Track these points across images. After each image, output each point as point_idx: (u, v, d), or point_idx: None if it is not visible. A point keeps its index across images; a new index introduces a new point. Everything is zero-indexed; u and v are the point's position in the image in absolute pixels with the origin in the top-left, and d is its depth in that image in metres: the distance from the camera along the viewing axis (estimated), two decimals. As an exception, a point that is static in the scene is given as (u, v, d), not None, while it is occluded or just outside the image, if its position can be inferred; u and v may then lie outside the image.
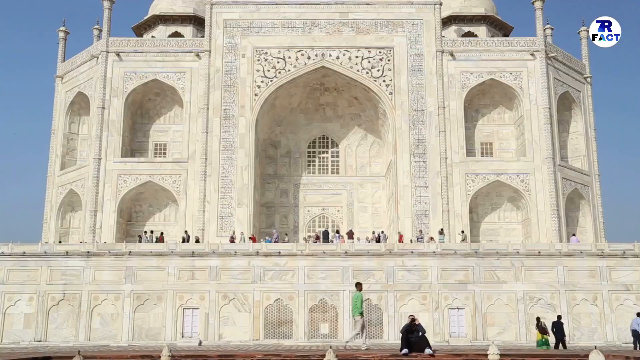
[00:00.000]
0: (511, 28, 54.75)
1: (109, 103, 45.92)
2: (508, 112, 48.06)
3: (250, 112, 45.56)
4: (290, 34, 46.72)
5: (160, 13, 53.45)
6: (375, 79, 46.10)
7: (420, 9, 47.20)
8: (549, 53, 46.77)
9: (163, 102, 48.31)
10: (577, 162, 47.73)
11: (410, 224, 43.40)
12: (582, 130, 48.46)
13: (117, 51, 46.53)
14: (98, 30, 53.01)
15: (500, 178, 44.49)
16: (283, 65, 46.21)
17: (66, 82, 49.79)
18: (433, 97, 45.51)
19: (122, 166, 45.04)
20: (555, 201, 43.54)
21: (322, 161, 51.31)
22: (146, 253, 36.73)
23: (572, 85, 48.57)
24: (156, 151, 47.79)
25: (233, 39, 46.65)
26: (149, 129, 48.36)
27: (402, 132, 45.09)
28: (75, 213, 47.38)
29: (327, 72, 46.85)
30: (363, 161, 50.96)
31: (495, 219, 45.86)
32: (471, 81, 46.09)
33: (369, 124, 50.21)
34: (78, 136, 49.53)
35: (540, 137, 44.98)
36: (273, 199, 50.12)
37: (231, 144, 45.02)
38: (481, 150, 47.55)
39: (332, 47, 46.45)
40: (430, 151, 44.72)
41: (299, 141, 51.32)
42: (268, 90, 45.96)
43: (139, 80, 46.40)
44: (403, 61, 46.18)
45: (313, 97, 49.87)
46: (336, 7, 47.20)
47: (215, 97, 45.58)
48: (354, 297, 23.07)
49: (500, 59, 46.54)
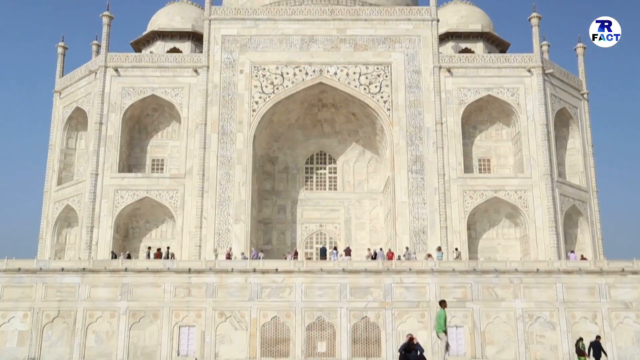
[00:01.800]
0: (508, 44, 54.99)
1: (107, 118, 45.85)
2: (505, 128, 48.08)
3: (248, 128, 45.51)
4: (288, 50, 46.81)
5: (159, 29, 53.59)
6: (372, 95, 46.15)
7: (417, 26, 47.38)
8: (546, 69, 46.91)
9: (161, 118, 48.26)
10: (575, 179, 47.69)
11: (408, 240, 43.21)
12: (579, 147, 48.47)
13: (116, 66, 46.55)
14: (97, 45, 53.09)
15: (498, 194, 44.40)
16: (281, 81, 46.26)
17: (64, 97, 49.76)
18: (430, 113, 45.55)
19: (119, 182, 44.87)
20: (553, 218, 43.42)
21: (320, 177, 51.21)
22: (142, 269, 36.47)
23: (569, 102, 48.67)
24: (153, 167, 47.65)
25: (231, 55, 46.73)
26: (147, 144, 48.25)
27: (400, 148, 45.06)
28: (71, 229, 47.12)
29: (325, 88, 46.91)
30: (361, 177, 50.86)
31: (493, 236, 45.70)
32: (468, 97, 46.15)
33: (367, 140, 50.19)
34: (75, 151, 49.39)
35: (538, 153, 44.97)
36: (270, 215, 49.92)
37: (229, 160, 44.93)
38: (479, 166, 47.49)
39: (330, 63, 46.54)
40: (428, 167, 44.65)
41: (296, 157, 51.25)
42: (266, 106, 45.96)
43: (137, 96, 46.38)
44: (400, 77, 46.27)
45: (311, 113, 49.87)
46: (334, 24, 47.35)
47: (213, 113, 45.55)
48: (437, 315, 21.89)
49: (497, 75, 46.65)
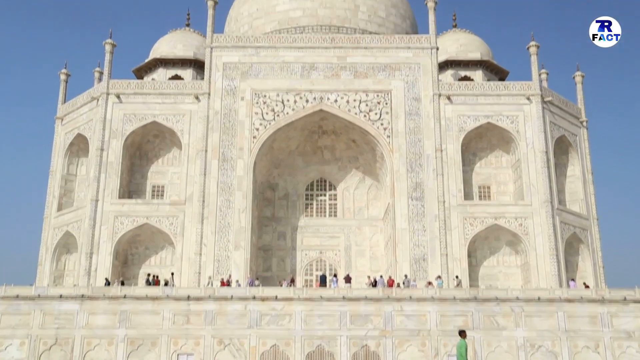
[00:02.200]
0: (507, 72, 55.41)
1: (108, 145, 46.03)
2: (505, 155, 48.21)
3: (249, 155, 45.65)
4: (288, 77, 47.17)
5: (161, 56, 54.09)
6: (373, 122, 46.37)
7: (417, 54, 47.82)
8: (545, 97, 47.21)
9: (162, 144, 48.44)
10: (575, 206, 47.65)
11: (408, 267, 43.00)
12: (579, 174, 48.53)
13: (118, 93, 46.89)
14: (99, 72, 53.61)
15: (499, 222, 44.31)
16: (281, 108, 46.52)
17: (66, 124, 50.02)
18: (430, 140, 45.71)
19: (119, 208, 44.85)
20: (554, 245, 43.25)
21: (320, 204, 51.19)
22: (141, 296, 36.29)
23: (568, 129, 48.89)
24: (154, 193, 47.66)
25: (232, 82, 47.09)
26: (147, 170, 48.34)
27: (400, 175, 45.12)
28: (70, 255, 46.96)
29: (325, 115, 47.16)
30: (361, 204, 50.82)
31: (494, 263, 45.47)
32: (468, 124, 46.37)
33: (367, 167, 50.29)
34: (76, 177, 49.48)
35: (538, 180, 45.01)
36: (270, 242, 49.78)
37: (229, 186, 44.96)
38: (479, 193, 47.47)
39: (331, 90, 46.86)
40: (428, 194, 44.65)
41: (296, 184, 51.30)
42: (266, 132, 46.16)
43: (138, 122, 46.62)
44: (400, 104, 46.54)
45: (311, 140, 50.06)
46: (334, 52, 47.81)
47: (213, 140, 45.72)
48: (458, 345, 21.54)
49: (497, 103, 46.93)
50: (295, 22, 53.61)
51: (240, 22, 56.61)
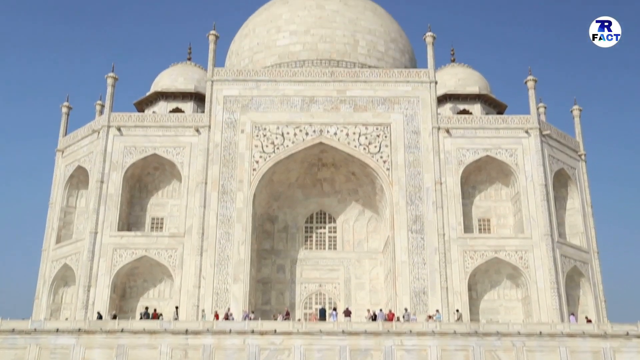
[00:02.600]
0: (505, 106, 55.84)
1: (108, 177, 46.12)
2: (505, 188, 48.29)
3: (248, 187, 45.72)
4: (288, 110, 47.54)
5: (162, 89, 54.57)
6: (372, 155, 46.57)
7: (416, 87, 48.29)
8: (543, 131, 47.51)
9: (162, 177, 48.54)
10: (576, 239, 47.52)
11: (408, 301, 42.68)
12: (578, 207, 48.54)
13: (119, 126, 47.19)
14: (100, 105, 54.04)
15: (499, 255, 44.14)
16: (281, 141, 46.77)
17: (66, 156, 50.20)
18: (430, 173, 45.83)
19: (118, 240, 44.71)
20: (555, 279, 43.00)
21: (320, 237, 51.04)
22: (139, 330, 35.95)
23: (566, 162, 49.07)
24: (153, 225, 47.56)
25: (232, 115, 47.43)
26: (147, 203, 48.33)
27: (400, 208, 45.13)
28: (68, 288, 46.60)
29: (325, 147, 47.39)
30: (360, 237, 50.69)
31: (494, 297, 45.12)
32: (467, 157, 46.56)
33: (367, 200, 50.32)
34: (75, 210, 49.43)
35: (538, 213, 44.99)
36: (269, 275, 49.48)
37: (228, 219, 44.92)
38: (479, 226, 47.41)
39: (330, 123, 47.18)
40: (428, 227, 44.58)
41: (296, 216, 51.24)
42: (266, 165, 46.32)
43: (138, 155, 46.81)
44: (400, 137, 46.81)
45: (311, 173, 50.20)
46: (334, 85, 48.27)
47: (213, 172, 45.84)
48: None
49: (496, 136, 47.20)
50: (295, 56, 54.28)
51: (241, 56, 57.31)
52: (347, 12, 56.28)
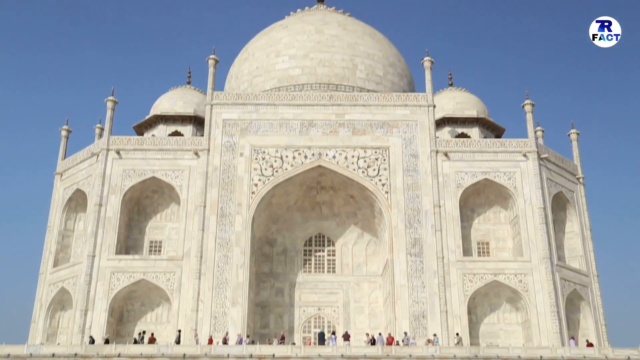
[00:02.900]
0: (503, 129, 56.13)
1: (107, 200, 46.06)
2: (503, 211, 48.28)
3: (247, 210, 45.67)
4: (287, 133, 47.71)
5: (161, 113, 54.81)
6: (371, 178, 46.63)
7: (414, 111, 48.55)
8: (541, 154, 47.68)
9: (160, 200, 48.50)
10: (575, 262, 47.40)
11: (408, 325, 42.39)
12: (577, 230, 48.49)
13: (118, 149, 47.27)
14: (100, 129, 54.21)
15: (498, 278, 43.97)
16: (280, 164, 46.86)
17: (65, 179, 50.17)
18: (428, 196, 45.86)
19: (116, 264, 44.50)
20: (555, 302, 42.79)
21: (318, 260, 50.86)
22: (136, 355, 35.65)
23: (565, 186, 49.13)
24: (151, 249, 47.39)
25: (232, 138, 47.57)
26: (145, 226, 48.21)
27: (399, 231, 45.05)
28: (65, 312, 46.25)
29: (323, 171, 47.47)
30: (359, 260, 50.52)
31: (494, 320, 44.83)
32: (466, 181, 46.63)
33: (365, 223, 50.25)
34: (73, 233, 49.27)
35: (537, 236, 44.93)
36: (268, 298, 49.18)
37: (227, 242, 44.79)
38: (478, 249, 47.31)
39: (329, 146, 47.33)
40: (427, 250, 44.47)
41: (295, 239, 51.11)
42: (265, 188, 46.33)
43: (137, 178, 46.81)
44: (398, 161, 46.91)
45: (310, 196, 50.19)
46: (332, 109, 48.53)
47: (212, 195, 45.82)
48: None
49: (494, 160, 47.34)
50: (294, 80, 54.65)
51: (240, 80, 57.68)
52: (346, 37, 56.85)
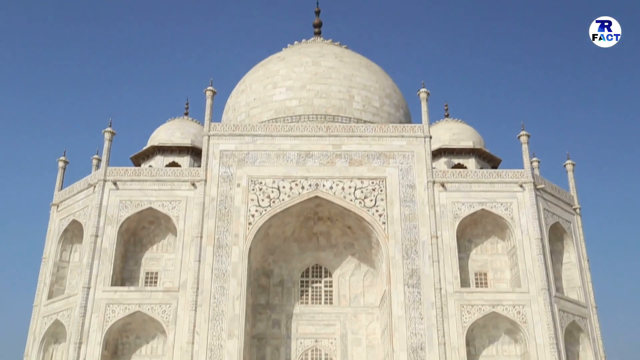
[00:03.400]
0: (499, 160, 56.43)
1: (103, 231, 45.90)
2: (501, 242, 48.25)
3: (244, 241, 45.53)
4: (284, 164, 47.86)
5: (159, 144, 54.99)
6: (368, 209, 46.65)
7: (411, 142, 48.81)
8: (537, 185, 47.84)
9: (157, 231, 48.35)
10: (573, 294, 47.21)
11: (406, 357, 41.97)
12: (575, 261, 48.41)
13: (115, 180, 47.29)
14: (97, 159, 54.24)
15: (496, 309, 43.72)
16: (277, 195, 46.90)
17: (61, 210, 50.06)
18: (426, 226, 45.84)
19: (111, 295, 44.13)
20: (554, 334, 42.48)
21: (315, 291, 50.54)
22: (130, 389, 35.04)
23: (561, 216, 49.21)
24: (147, 280, 47.07)
25: (229, 169, 47.67)
26: (141, 257, 47.97)
27: (396, 262, 44.91)
28: (58, 345, 45.66)
29: (320, 201, 47.50)
30: (357, 291, 50.21)
31: (493, 353, 44.42)
32: (463, 211, 46.67)
33: (363, 254, 50.10)
34: (69, 264, 48.96)
35: (534, 267, 44.82)
36: (265, 330, 48.71)
37: (223, 273, 44.54)
38: (476, 280, 47.14)
39: (326, 177, 47.44)
40: (425, 281, 44.27)
41: (292, 270, 50.86)
42: (262, 219, 46.27)
43: (134, 209, 46.74)
44: (395, 191, 47.00)
45: (307, 226, 50.13)
46: (329, 140, 48.78)
47: (209, 226, 45.73)
48: None
49: (490, 190, 47.46)
50: (291, 111, 55.04)
51: (237, 111, 58.06)
52: (343, 69, 57.46)
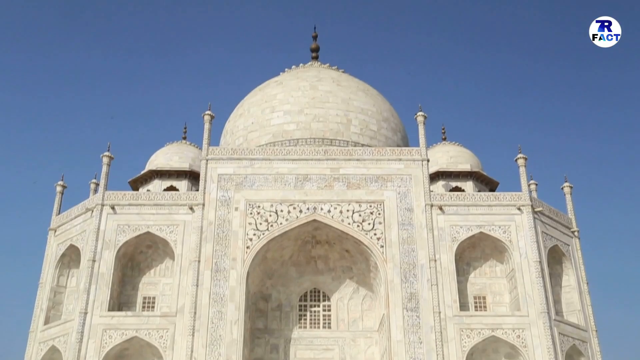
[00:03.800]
0: (497, 183, 56.52)
1: (100, 255, 45.74)
2: (499, 265, 48.13)
3: (242, 265, 45.38)
4: (282, 188, 47.91)
5: (157, 168, 55.09)
6: (366, 232, 46.60)
7: (408, 165, 48.94)
8: (535, 207, 47.87)
9: (154, 255, 48.20)
10: (573, 317, 46.96)
11: (405, 382, 41.58)
12: (574, 284, 48.25)
13: (112, 204, 47.26)
14: (95, 184, 54.21)
15: (496, 333, 43.45)
16: (275, 219, 46.86)
17: (59, 235, 49.92)
18: (424, 250, 45.75)
19: (108, 320, 43.82)
20: (554, 358, 42.17)
21: (314, 315, 50.23)
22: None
23: (560, 239, 49.16)
24: (144, 305, 46.79)
25: (227, 193, 47.70)
26: (139, 281, 47.74)
27: (394, 286, 44.73)
28: (55, 371, 45.23)
29: (318, 225, 47.45)
30: (355, 315, 49.91)
31: (493, 377, 44.05)
32: (461, 234, 46.63)
33: (361, 277, 49.92)
34: (66, 289, 48.65)
35: (534, 290, 44.66)
36: (263, 355, 48.26)
37: (221, 298, 44.31)
38: (475, 304, 46.92)
39: (324, 201, 47.46)
40: (423, 305, 44.05)
41: (290, 294, 50.59)
42: (260, 243, 46.18)
43: (131, 233, 46.64)
44: (393, 215, 46.99)
45: (304, 250, 50.01)
46: (327, 163, 48.90)
47: (207, 250, 45.61)
48: None
49: (488, 213, 47.48)
50: (289, 135, 55.28)
51: (235, 135, 58.30)
52: (340, 93, 57.87)
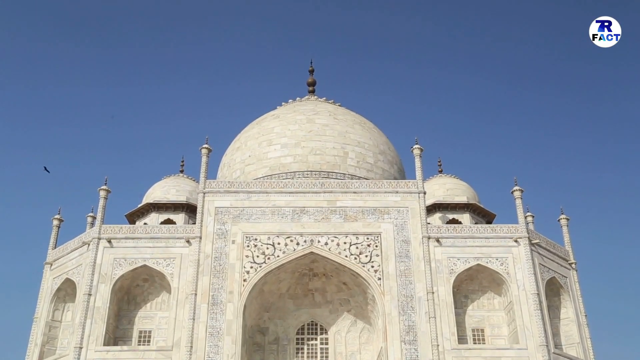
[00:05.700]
0: (494, 215, 56.69)
1: (96, 289, 45.47)
2: (497, 297, 47.95)
3: (239, 298, 45.13)
4: (279, 220, 47.96)
5: (154, 201, 55.20)
6: (363, 265, 46.51)
7: (405, 198, 49.12)
8: (532, 239, 47.93)
9: (151, 288, 47.93)
10: (572, 350, 46.59)
11: (404, 417, 41.02)
12: (573, 317, 47.99)
13: (109, 238, 47.18)
14: (92, 217, 54.28)
15: (495, 367, 43.05)
16: (272, 251, 46.80)
17: (55, 269, 49.64)
18: (421, 282, 45.61)
19: (103, 355, 43.32)
20: (554, 392, 41.80)
21: (311, 348, 49.75)
22: None
23: (557, 271, 49.08)
24: (140, 339, 46.30)
25: (224, 226, 47.70)
26: (135, 315, 47.36)
27: (392, 318, 44.47)
28: (48, 407, 44.54)
29: (315, 257, 47.38)
30: (353, 348, 49.44)
31: (493, 411, 43.47)
32: (458, 266, 46.57)
33: (359, 310, 49.62)
34: (61, 324, 48.20)
35: (532, 323, 44.41)
36: (259, 390, 47.67)
37: (218, 331, 43.95)
38: (473, 336, 46.57)
39: (321, 233, 47.46)
40: (421, 338, 43.73)
41: (287, 327, 50.18)
42: (257, 275, 46.02)
43: (128, 266, 46.46)
44: (390, 247, 46.98)
45: (302, 283, 49.80)
46: (324, 196, 49.06)
47: (203, 283, 45.40)
48: None
49: (486, 245, 47.48)
50: (286, 167, 55.57)
51: (232, 168, 58.58)
52: (337, 126, 58.40)
